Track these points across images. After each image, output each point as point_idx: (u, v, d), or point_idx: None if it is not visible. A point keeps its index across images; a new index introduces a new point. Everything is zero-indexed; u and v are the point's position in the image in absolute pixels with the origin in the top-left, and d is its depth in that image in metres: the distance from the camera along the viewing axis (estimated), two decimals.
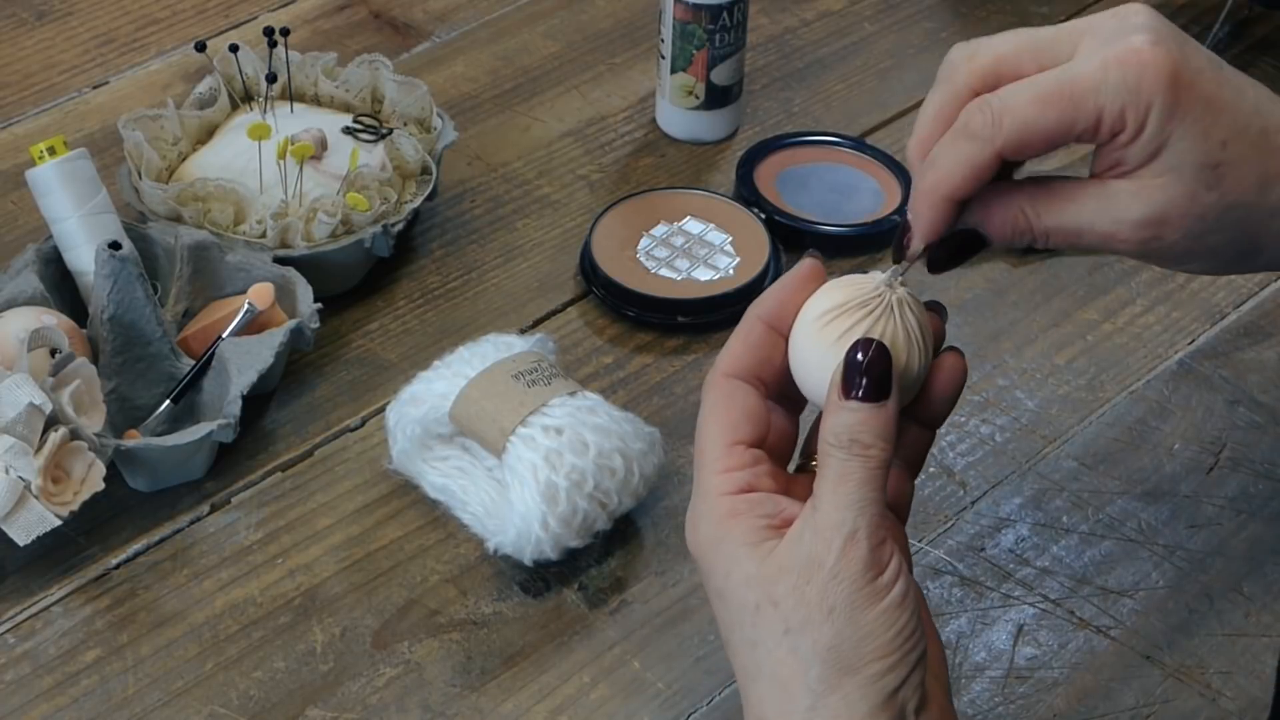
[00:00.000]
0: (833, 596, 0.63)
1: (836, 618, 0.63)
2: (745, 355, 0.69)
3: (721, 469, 0.67)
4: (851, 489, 0.63)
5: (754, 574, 0.64)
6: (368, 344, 1.01)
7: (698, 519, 0.67)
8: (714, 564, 0.66)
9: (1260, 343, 1.02)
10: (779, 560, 0.64)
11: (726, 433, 0.68)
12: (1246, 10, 1.26)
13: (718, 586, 0.66)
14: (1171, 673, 0.84)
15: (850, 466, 0.64)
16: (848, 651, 0.62)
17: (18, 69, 1.23)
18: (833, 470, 0.64)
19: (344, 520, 0.91)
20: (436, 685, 0.83)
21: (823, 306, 0.67)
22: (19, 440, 0.84)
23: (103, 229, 0.96)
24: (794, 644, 0.63)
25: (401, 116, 1.09)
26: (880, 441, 0.64)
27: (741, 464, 0.67)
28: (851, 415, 0.64)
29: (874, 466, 0.64)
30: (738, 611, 0.65)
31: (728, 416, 0.68)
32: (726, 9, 1.10)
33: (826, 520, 0.63)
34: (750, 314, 0.69)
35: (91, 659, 0.84)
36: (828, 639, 0.63)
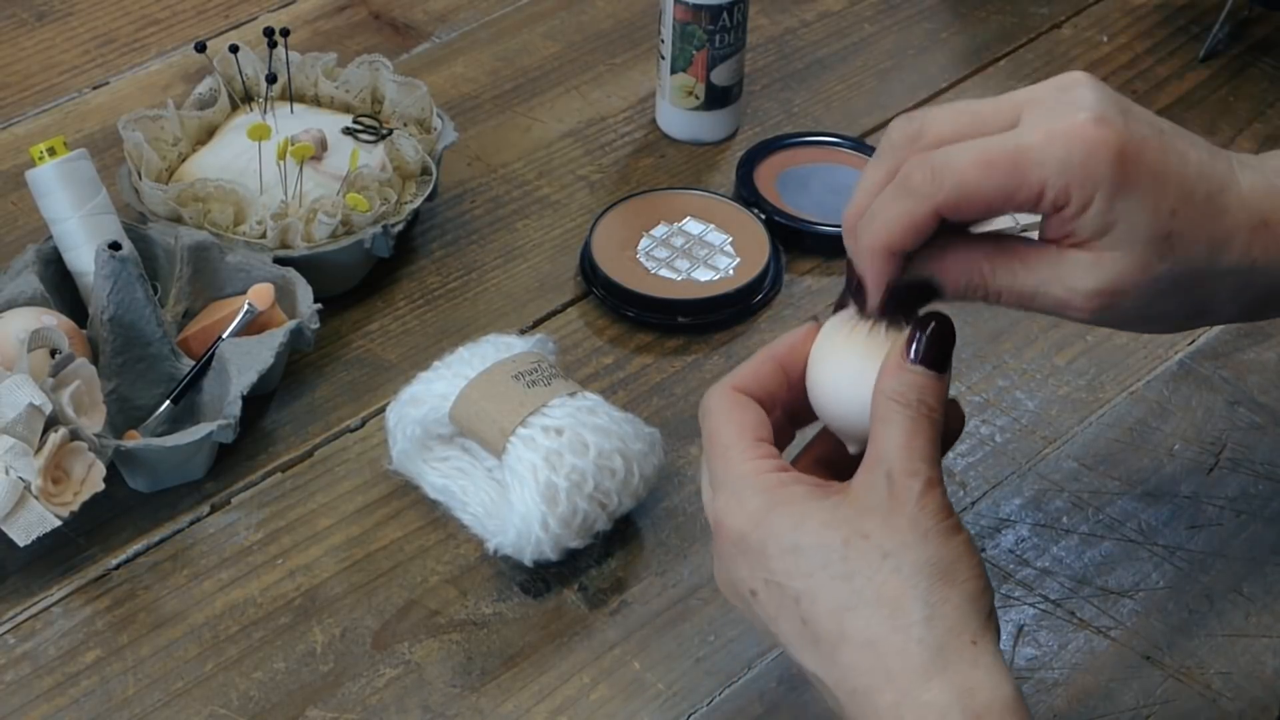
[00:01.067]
0: (923, 523, 0.65)
1: (932, 539, 0.65)
2: (753, 381, 0.71)
3: (753, 456, 0.68)
4: (923, 445, 0.65)
5: (832, 516, 0.66)
6: (368, 344, 1.01)
7: (741, 499, 0.68)
8: (779, 524, 0.67)
9: (1260, 343, 1.02)
10: (858, 502, 0.66)
11: (748, 430, 0.69)
12: (1246, 10, 1.26)
13: (791, 543, 0.66)
14: (1171, 673, 0.84)
15: (920, 424, 0.66)
16: (948, 567, 0.64)
17: (18, 69, 1.23)
18: (901, 424, 0.65)
19: (344, 521, 0.91)
20: (436, 686, 0.83)
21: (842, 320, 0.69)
22: (19, 441, 0.84)
23: (103, 229, 0.96)
24: (896, 565, 0.64)
25: (401, 117, 1.09)
26: (939, 404, 0.66)
27: (771, 454, 0.69)
28: (917, 378, 0.66)
29: (936, 423, 0.66)
30: (821, 553, 0.65)
31: (744, 418, 0.70)
32: (726, 9, 1.10)
33: (901, 468, 0.65)
34: (762, 351, 0.71)
35: (91, 659, 0.84)
36: (929, 556, 0.64)
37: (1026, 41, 1.26)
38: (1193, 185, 0.66)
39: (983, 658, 0.64)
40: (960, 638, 0.64)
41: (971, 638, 0.64)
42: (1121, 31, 1.27)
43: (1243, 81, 1.22)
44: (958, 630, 0.64)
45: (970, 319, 1.03)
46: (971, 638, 0.64)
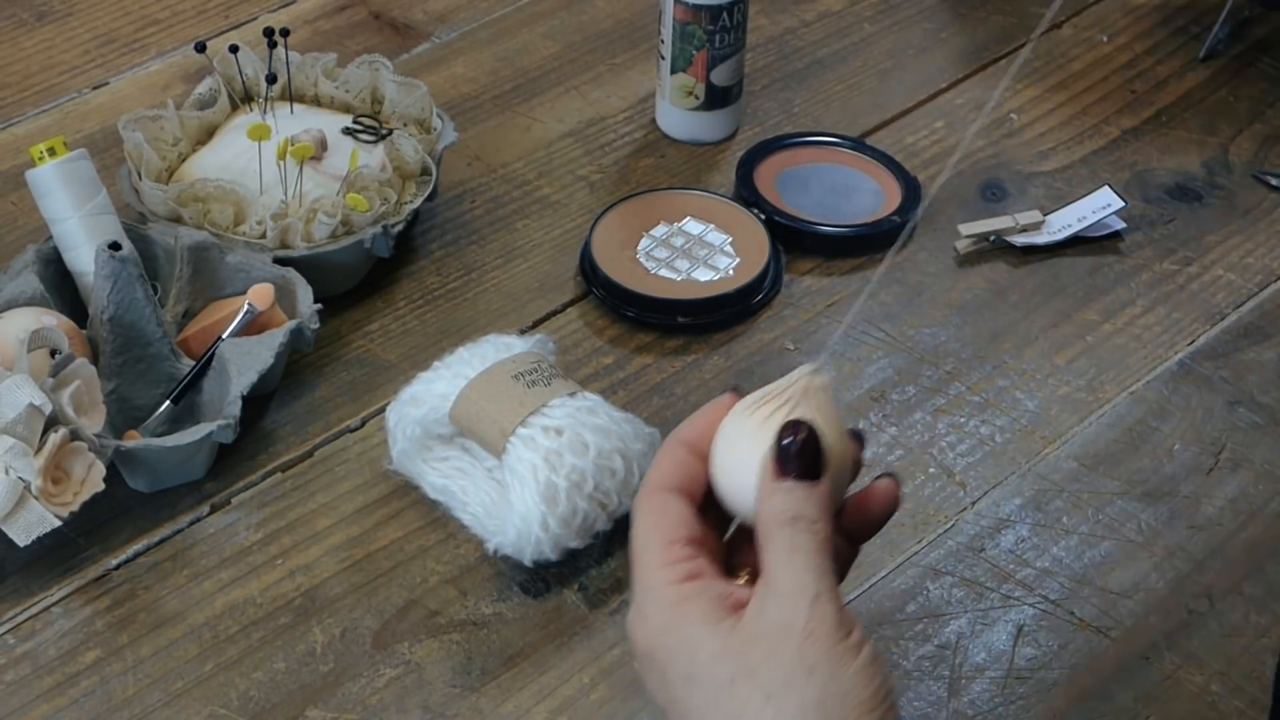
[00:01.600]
0: (811, 656, 0.63)
1: (818, 674, 0.63)
2: (673, 471, 0.70)
3: (664, 563, 0.67)
4: (806, 557, 0.64)
5: (722, 649, 0.64)
6: (368, 344, 1.01)
7: (645, 615, 0.67)
8: (675, 650, 0.65)
9: (1260, 343, 1.02)
10: (747, 631, 0.64)
11: (665, 534, 0.68)
12: (1246, 10, 1.26)
13: (684, 672, 0.65)
14: (1171, 673, 0.84)
15: (799, 540, 0.64)
16: (835, 707, 0.62)
17: (18, 69, 1.23)
18: (782, 545, 0.64)
19: (344, 521, 0.91)
20: (437, 686, 0.83)
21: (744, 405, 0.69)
22: (19, 441, 0.84)
23: (103, 230, 0.96)
24: (780, 707, 0.63)
25: (401, 117, 1.09)
26: (823, 516, 0.65)
27: (684, 557, 0.67)
28: (789, 494, 0.65)
29: (823, 538, 0.65)
30: (712, 689, 0.64)
31: (664, 521, 0.68)
32: (726, 9, 1.10)
33: (788, 587, 0.64)
34: (671, 438, 0.70)
35: (91, 660, 0.84)
36: (814, 696, 0.63)
37: (1026, 41, 1.26)
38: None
39: None
40: None
41: None
42: (1121, 31, 1.27)
43: (1243, 81, 1.22)
44: None
45: (970, 318, 1.03)
46: None
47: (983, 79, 1.22)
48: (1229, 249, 1.09)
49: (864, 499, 0.69)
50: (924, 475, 0.94)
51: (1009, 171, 1.14)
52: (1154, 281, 1.06)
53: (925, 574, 0.88)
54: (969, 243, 1.08)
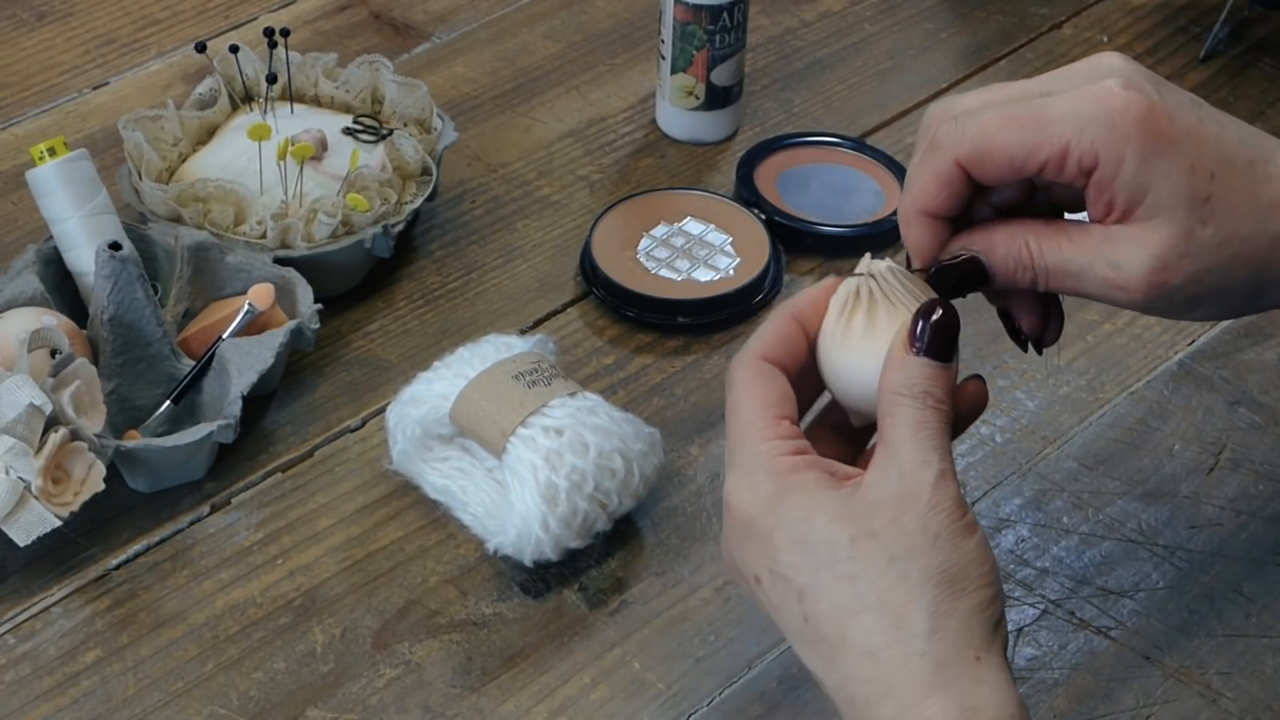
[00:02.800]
0: (935, 525, 0.63)
1: (942, 544, 0.63)
2: (778, 344, 0.69)
3: (771, 436, 0.66)
4: (931, 435, 0.64)
5: (842, 511, 0.64)
6: (368, 344, 1.01)
7: (754, 481, 0.66)
8: (788, 515, 0.65)
9: (1260, 343, 1.02)
10: (868, 497, 0.64)
11: (770, 407, 0.67)
12: (1246, 10, 1.26)
13: (796, 535, 0.64)
14: (1172, 673, 0.84)
15: (926, 415, 0.64)
16: (958, 575, 0.63)
17: (18, 69, 1.23)
18: (907, 418, 0.64)
19: (344, 521, 0.91)
20: (437, 686, 0.83)
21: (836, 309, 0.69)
22: (19, 441, 0.84)
23: (103, 230, 0.96)
24: (902, 570, 0.63)
25: (401, 117, 1.09)
26: (947, 396, 0.65)
27: (791, 434, 0.67)
28: (922, 369, 0.65)
29: (947, 417, 0.65)
30: (827, 550, 0.64)
31: (768, 393, 0.68)
32: (726, 9, 1.10)
33: (912, 460, 0.64)
34: (782, 308, 0.70)
35: (92, 660, 0.84)
36: (938, 562, 0.63)
37: (1027, 41, 1.25)
38: (1233, 150, 0.65)
39: (987, 674, 0.62)
40: (964, 653, 0.62)
41: (976, 652, 0.62)
42: (1122, 31, 1.27)
43: (1243, 81, 1.22)
44: (962, 645, 0.62)
45: (970, 319, 1.03)
46: (976, 652, 0.62)
47: (983, 79, 1.22)
48: None
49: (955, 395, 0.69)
50: None
51: None
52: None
53: None
54: None
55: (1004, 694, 0.62)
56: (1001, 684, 0.63)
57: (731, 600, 0.87)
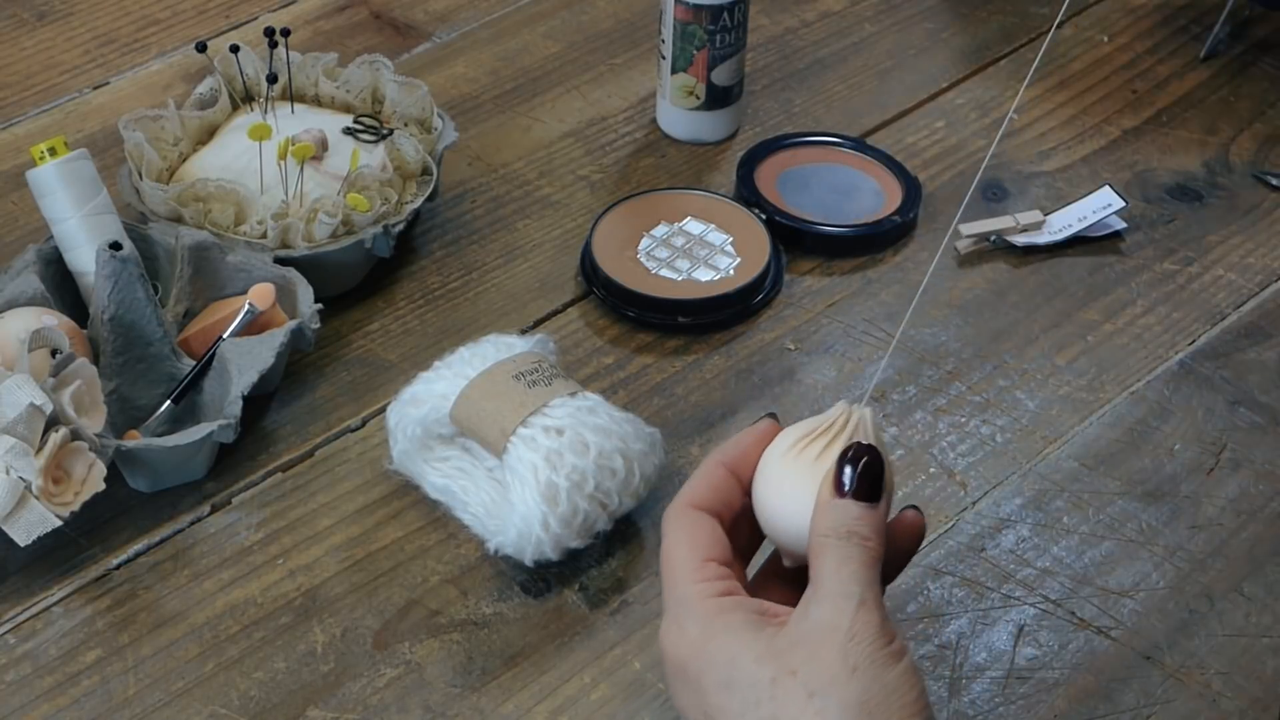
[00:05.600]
0: (854, 656, 0.64)
1: (861, 675, 0.63)
2: (708, 493, 0.71)
3: (700, 579, 0.68)
4: (855, 569, 0.65)
5: (764, 651, 0.65)
6: (368, 344, 1.01)
7: (683, 625, 0.67)
8: (714, 657, 0.66)
9: (1261, 343, 1.02)
10: (790, 635, 0.65)
11: (699, 552, 0.69)
12: (1246, 11, 1.26)
13: (723, 678, 0.65)
14: (1172, 673, 0.84)
15: (851, 552, 0.66)
16: (878, 707, 0.63)
17: (18, 69, 1.23)
18: (832, 556, 0.66)
19: (344, 521, 0.91)
20: (437, 686, 0.83)
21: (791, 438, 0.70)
22: (20, 441, 0.85)
23: (103, 229, 0.96)
24: (821, 705, 0.63)
25: (402, 117, 1.09)
26: (875, 535, 0.66)
27: (718, 575, 0.68)
28: (847, 511, 0.66)
29: (874, 554, 0.66)
30: (750, 691, 0.65)
31: (697, 538, 0.69)
32: (727, 9, 1.10)
33: (833, 592, 0.65)
34: (711, 458, 0.71)
35: (92, 659, 0.84)
36: (856, 694, 0.63)
37: (1027, 41, 1.26)
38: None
39: None
40: None
41: None
42: (1122, 31, 1.27)
43: (1243, 81, 1.22)
44: None
45: (971, 318, 1.03)
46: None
47: (983, 79, 1.22)
48: (1230, 249, 1.09)
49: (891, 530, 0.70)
50: (924, 475, 0.94)
51: (1009, 171, 1.14)
52: (1154, 281, 1.06)
53: (926, 574, 0.88)
54: (969, 243, 1.08)
55: None
56: None
57: None
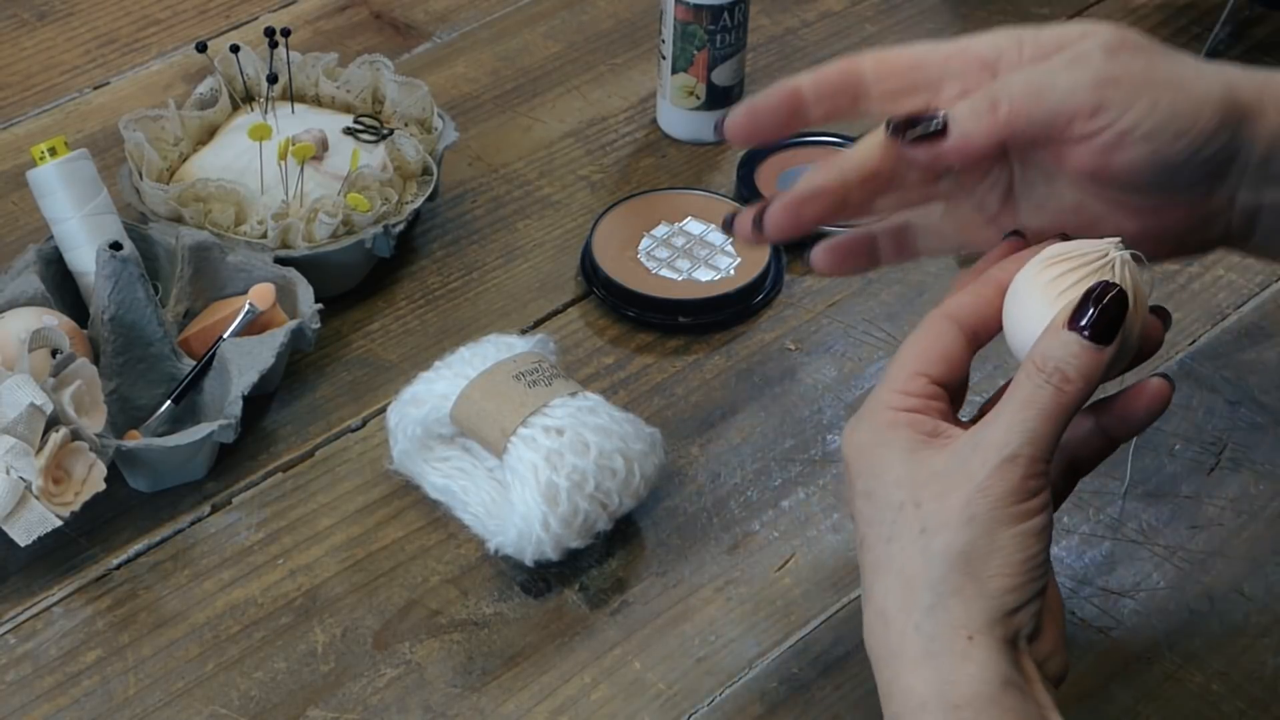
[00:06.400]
0: (975, 507, 0.64)
1: (973, 526, 0.64)
2: (970, 305, 0.70)
3: (897, 389, 0.68)
4: (1031, 415, 0.64)
5: (905, 476, 0.66)
6: (368, 344, 1.01)
7: (859, 423, 0.68)
8: (868, 464, 0.67)
9: (1261, 343, 1.02)
10: (933, 466, 0.65)
11: (917, 362, 0.69)
12: (1247, 11, 1.26)
13: (866, 487, 0.67)
14: (1172, 673, 0.84)
15: (1041, 394, 0.64)
16: (977, 560, 0.63)
17: (19, 69, 1.23)
18: (1022, 392, 0.65)
19: (345, 521, 0.91)
20: (437, 686, 0.83)
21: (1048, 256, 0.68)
22: (20, 441, 0.85)
23: (104, 229, 0.96)
24: (926, 543, 0.64)
25: (402, 117, 1.09)
26: (1082, 380, 0.65)
27: (918, 391, 0.68)
28: (1067, 346, 0.65)
29: (1065, 402, 0.64)
30: (883, 509, 0.66)
31: (925, 349, 0.69)
32: (727, 9, 1.10)
33: (992, 438, 0.64)
34: (993, 270, 0.70)
35: (92, 659, 0.84)
36: (960, 544, 0.64)
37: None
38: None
39: (975, 652, 0.63)
40: (957, 632, 0.63)
41: (969, 633, 0.63)
42: None
43: None
44: (957, 624, 0.63)
45: None
46: (969, 633, 0.63)
47: None
48: None
49: (1133, 395, 0.69)
50: None
51: None
52: (1154, 281, 1.06)
53: None
54: None
55: (988, 672, 0.63)
56: (988, 663, 0.63)
57: (732, 600, 0.87)
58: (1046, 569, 0.65)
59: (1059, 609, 0.69)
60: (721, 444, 0.95)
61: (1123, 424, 0.71)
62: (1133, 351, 0.68)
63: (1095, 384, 0.65)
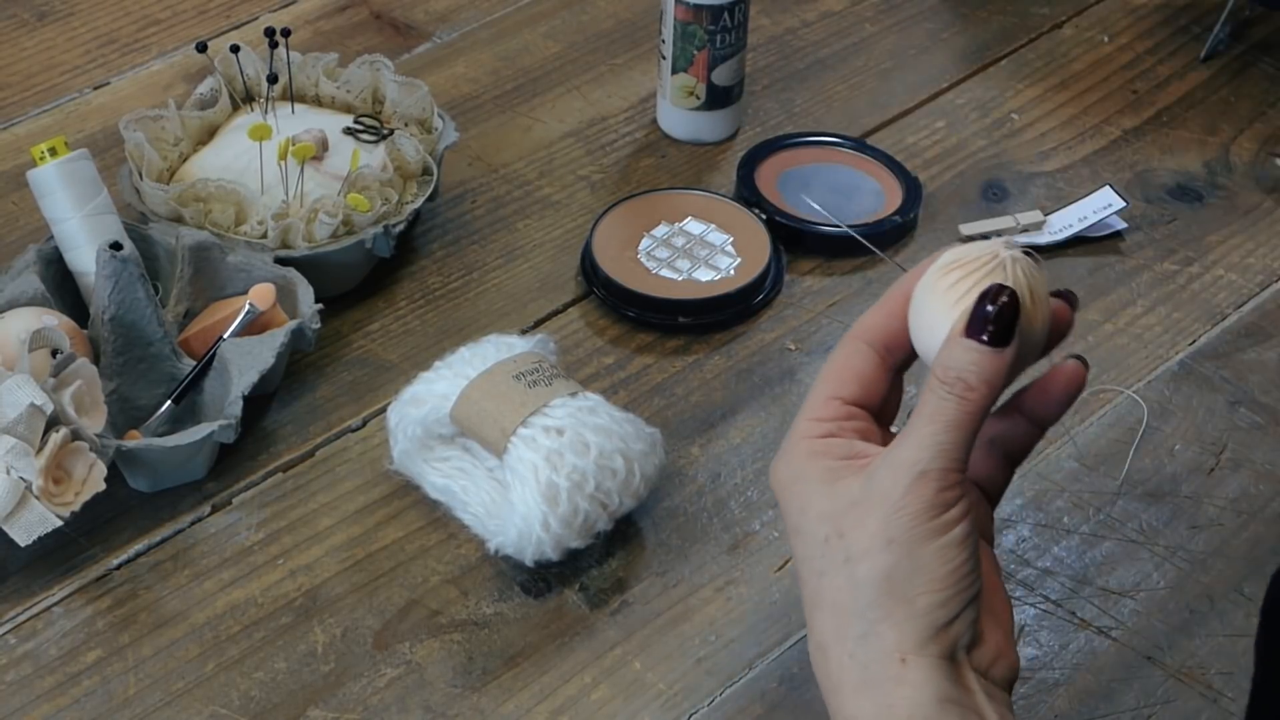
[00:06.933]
0: (893, 529, 0.64)
1: (894, 549, 0.64)
2: (881, 323, 0.70)
3: (812, 417, 0.68)
4: (937, 429, 0.64)
5: (827, 509, 0.66)
6: (369, 344, 1.01)
7: (780, 459, 0.69)
8: (793, 501, 0.68)
9: (1261, 343, 1.02)
10: (850, 494, 0.66)
11: (830, 387, 0.69)
12: (1247, 10, 1.26)
13: (795, 523, 0.67)
14: (1172, 673, 0.84)
15: (946, 406, 0.65)
16: (902, 581, 0.64)
17: (19, 69, 1.23)
18: (928, 407, 0.65)
19: (345, 521, 0.91)
20: (438, 686, 0.83)
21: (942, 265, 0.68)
22: (20, 441, 0.85)
23: (104, 229, 0.96)
24: (851, 572, 0.64)
25: (402, 117, 1.09)
26: (984, 386, 0.65)
27: (833, 415, 0.68)
28: (966, 353, 0.65)
29: (970, 410, 0.65)
30: (810, 544, 0.66)
31: (835, 372, 0.70)
32: (727, 9, 1.10)
33: (902, 457, 0.65)
34: (894, 288, 0.70)
35: (93, 659, 0.84)
36: (884, 568, 0.64)
37: (1027, 41, 1.26)
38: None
39: (910, 674, 0.63)
40: (890, 656, 0.64)
41: (902, 655, 0.64)
42: (1123, 31, 1.27)
43: (1244, 81, 1.22)
44: (889, 649, 0.64)
45: None
46: (902, 655, 0.64)
47: (984, 79, 1.22)
48: (1230, 249, 1.09)
49: (1050, 380, 0.70)
50: None
51: (1010, 171, 1.14)
52: (1155, 281, 1.06)
53: None
54: None
55: (923, 694, 0.63)
56: (924, 683, 0.63)
57: (732, 600, 0.87)
58: (975, 577, 0.65)
59: (1004, 611, 0.68)
60: (721, 444, 0.95)
61: (1045, 409, 0.71)
62: (1039, 344, 0.68)
63: (1000, 386, 0.66)
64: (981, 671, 0.65)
